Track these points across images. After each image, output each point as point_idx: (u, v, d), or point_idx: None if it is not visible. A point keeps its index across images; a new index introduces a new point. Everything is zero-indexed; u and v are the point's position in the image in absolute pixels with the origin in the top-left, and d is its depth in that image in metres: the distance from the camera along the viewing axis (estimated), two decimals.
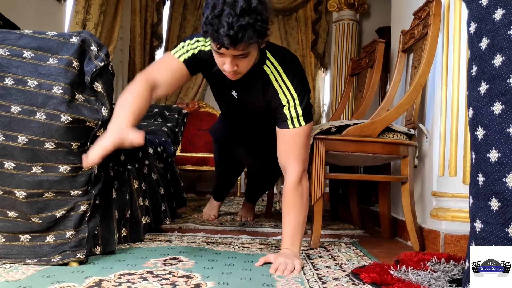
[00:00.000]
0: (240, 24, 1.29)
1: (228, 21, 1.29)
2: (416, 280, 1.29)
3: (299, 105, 1.57)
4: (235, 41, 1.31)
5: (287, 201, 1.58)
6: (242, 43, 1.32)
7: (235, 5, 1.30)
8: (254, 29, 1.31)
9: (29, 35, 1.41)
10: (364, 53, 3.06)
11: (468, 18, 1.05)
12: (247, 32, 1.30)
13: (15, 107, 1.35)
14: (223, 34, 1.29)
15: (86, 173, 1.47)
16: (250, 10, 1.30)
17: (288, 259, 1.44)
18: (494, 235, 0.90)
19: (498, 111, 0.92)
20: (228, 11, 1.29)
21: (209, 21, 1.32)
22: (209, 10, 1.33)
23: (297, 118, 1.57)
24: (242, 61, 1.43)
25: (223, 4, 1.30)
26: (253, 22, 1.31)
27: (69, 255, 1.41)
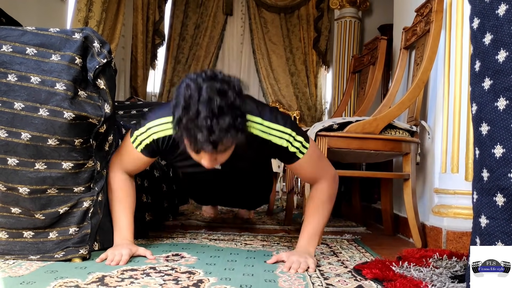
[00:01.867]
0: (220, 127, 1.15)
1: (207, 125, 1.14)
2: (418, 277, 1.29)
3: (297, 135, 1.45)
4: (217, 146, 1.19)
5: (315, 203, 1.53)
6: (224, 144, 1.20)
7: (211, 103, 1.15)
8: (235, 127, 1.18)
9: (32, 32, 1.41)
10: (366, 50, 3.05)
11: (471, 14, 1.05)
12: (228, 134, 1.17)
13: (18, 104, 1.36)
14: (203, 140, 1.16)
15: (89, 170, 1.47)
16: (229, 107, 1.17)
17: (301, 258, 1.41)
18: (500, 230, 0.90)
19: (502, 107, 0.92)
20: (205, 113, 1.14)
21: (184, 125, 1.18)
22: (181, 110, 1.18)
23: (302, 145, 1.46)
24: (222, 155, 1.29)
25: (198, 103, 1.16)
26: (233, 120, 1.17)
27: (72, 251, 1.41)
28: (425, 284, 1.19)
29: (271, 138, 1.43)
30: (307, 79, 5.54)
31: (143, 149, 1.49)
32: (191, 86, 1.19)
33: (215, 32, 5.57)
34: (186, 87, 1.20)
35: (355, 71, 3.23)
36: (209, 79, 1.20)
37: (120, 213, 1.54)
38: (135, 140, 1.49)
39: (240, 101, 1.21)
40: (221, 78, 1.22)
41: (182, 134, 1.21)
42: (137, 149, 1.49)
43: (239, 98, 1.21)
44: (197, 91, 1.18)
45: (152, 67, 5.39)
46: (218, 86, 1.18)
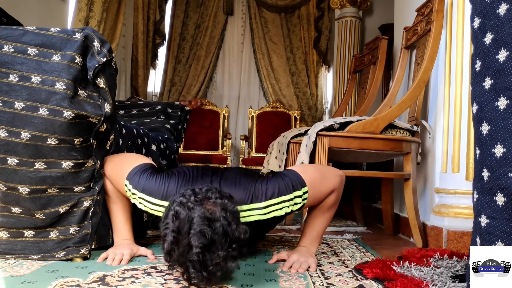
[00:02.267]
0: (214, 262, 1.06)
1: (200, 260, 1.06)
2: (419, 276, 1.29)
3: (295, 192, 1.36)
4: (211, 280, 1.10)
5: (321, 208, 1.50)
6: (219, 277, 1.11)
7: (202, 235, 1.06)
8: (229, 257, 1.09)
9: (33, 32, 1.41)
10: (367, 50, 3.05)
11: (471, 13, 1.05)
12: (224, 267, 1.08)
13: (19, 103, 1.36)
14: (196, 276, 1.08)
15: (89, 169, 1.47)
16: (222, 236, 1.08)
17: (302, 257, 1.41)
18: (500, 230, 0.90)
19: (503, 106, 0.91)
20: (196, 249, 1.05)
21: (174, 259, 1.10)
22: (170, 244, 1.09)
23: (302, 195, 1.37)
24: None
25: (188, 236, 1.07)
26: (227, 252, 1.08)
27: (73, 250, 1.42)
28: (426, 284, 1.19)
29: (273, 214, 1.34)
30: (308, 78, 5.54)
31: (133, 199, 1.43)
32: (180, 215, 1.11)
33: (216, 32, 5.56)
34: (175, 216, 1.11)
35: (355, 70, 3.23)
36: (199, 205, 1.12)
37: (117, 213, 1.55)
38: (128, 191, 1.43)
39: (234, 225, 1.11)
40: (213, 201, 1.13)
41: (174, 265, 1.13)
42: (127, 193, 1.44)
43: (233, 222, 1.11)
44: (188, 222, 1.09)
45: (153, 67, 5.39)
46: (209, 215, 1.09)
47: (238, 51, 5.70)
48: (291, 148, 2.44)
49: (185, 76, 5.48)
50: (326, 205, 1.50)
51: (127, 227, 1.55)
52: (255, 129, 5.04)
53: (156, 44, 5.34)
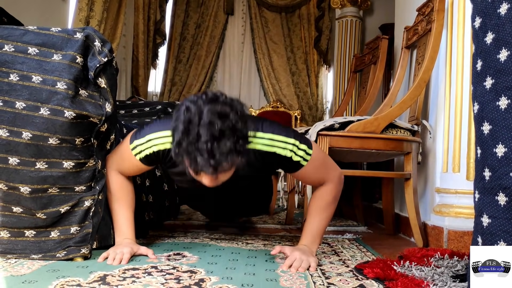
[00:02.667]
0: (221, 151, 1.14)
1: (208, 149, 1.13)
2: (419, 276, 1.29)
3: (300, 144, 1.42)
4: (217, 169, 1.17)
5: (320, 203, 1.52)
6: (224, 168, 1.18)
7: (213, 126, 1.14)
8: (236, 151, 1.16)
9: (33, 31, 1.41)
10: (368, 49, 3.05)
11: (472, 13, 1.05)
12: (229, 157, 1.15)
13: (20, 103, 1.36)
14: (203, 163, 1.15)
15: (90, 169, 1.47)
16: (230, 130, 1.15)
17: (304, 256, 1.41)
18: (502, 230, 0.90)
19: (504, 106, 0.91)
20: (205, 137, 1.13)
21: (183, 149, 1.16)
22: (180, 134, 1.16)
23: (305, 153, 1.43)
24: (223, 174, 1.26)
25: (198, 126, 1.14)
26: (234, 144, 1.16)
27: (73, 250, 1.42)
28: (426, 283, 1.19)
29: (275, 150, 1.40)
30: (308, 78, 5.54)
31: (142, 158, 1.47)
32: (191, 109, 1.17)
33: (216, 32, 5.57)
34: (186, 110, 1.18)
35: (356, 70, 3.23)
36: (210, 102, 1.18)
37: (120, 212, 1.55)
38: (135, 148, 1.46)
39: (241, 124, 1.18)
40: (223, 100, 1.20)
41: (183, 156, 1.18)
42: (136, 157, 1.47)
43: (240, 120, 1.18)
44: (198, 114, 1.16)
45: (153, 67, 5.39)
46: (219, 109, 1.16)
47: (238, 50, 5.71)
48: None
49: (186, 75, 5.48)
50: (325, 198, 1.51)
51: (129, 226, 1.55)
52: None
53: (156, 44, 5.35)
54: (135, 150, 1.46)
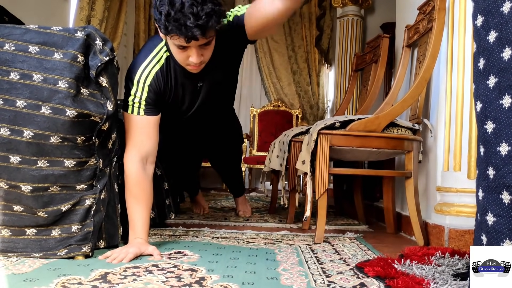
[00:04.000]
0: (206, 12, 1.31)
1: (194, 12, 1.30)
2: (420, 274, 1.29)
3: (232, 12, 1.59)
4: (205, 30, 1.33)
5: None
6: (211, 30, 1.35)
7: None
8: (217, 13, 1.35)
9: (34, 30, 1.41)
10: (369, 48, 3.05)
11: (473, 11, 1.04)
12: (213, 18, 1.33)
13: (21, 102, 1.36)
14: (192, 25, 1.31)
15: (92, 168, 1.48)
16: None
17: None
18: (507, 228, 0.90)
19: (507, 104, 0.91)
20: (189, 2, 1.30)
21: (172, 17, 1.31)
22: (167, 6, 1.32)
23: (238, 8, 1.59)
24: (206, 48, 1.45)
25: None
26: (215, 6, 1.34)
27: (74, 248, 1.42)
28: (427, 282, 1.19)
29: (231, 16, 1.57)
30: (309, 77, 5.54)
31: (145, 108, 1.54)
32: None
33: None
34: None
35: (357, 69, 3.23)
36: None
37: (135, 210, 1.55)
38: (133, 107, 1.54)
39: None
40: None
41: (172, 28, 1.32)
42: (140, 113, 1.54)
43: None
44: None
45: None
46: None
47: None
48: (293, 147, 2.44)
49: None
50: None
51: (142, 225, 1.55)
52: (257, 128, 5.04)
53: None
54: (135, 107, 1.54)
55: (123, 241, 1.63)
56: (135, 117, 1.56)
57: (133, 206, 1.55)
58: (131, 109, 1.56)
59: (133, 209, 1.55)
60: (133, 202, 1.55)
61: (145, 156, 1.59)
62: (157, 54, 1.58)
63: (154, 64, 1.57)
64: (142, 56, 1.60)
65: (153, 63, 1.57)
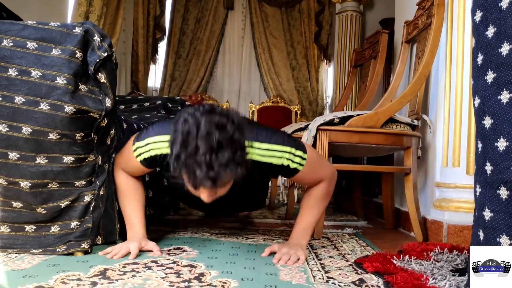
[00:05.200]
0: (220, 163, 1.12)
1: (206, 161, 1.11)
2: (419, 270, 1.29)
3: (296, 150, 1.42)
4: (216, 182, 1.15)
5: (311, 201, 1.55)
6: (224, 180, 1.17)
7: (210, 138, 1.12)
8: (235, 162, 1.15)
9: (32, 26, 1.41)
10: (368, 44, 3.05)
11: (472, 7, 1.04)
12: (228, 169, 1.14)
13: (19, 98, 1.35)
14: (202, 176, 1.13)
15: (90, 164, 1.47)
16: (228, 141, 1.14)
17: (292, 250, 1.44)
18: (504, 224, 0.90)
19: (506, 100, 0.91)
20: (204, 149, 1.12)
21: (182, 162, 1.15)
22: (179, 146, 1.15)
23: (301, 158, 1.43)
24: (221, 189, 1.26)
25: (196, 139, 1.13)
26: (233, 155, 1.14)
27: (74, 245, 1.42)
28: (426, 277, 1.19)
29: (271, 160, 1.40)
30: (308, 73, 5.53)
31: (142, 160, 1.48)
32: (189, 120, 1.16)
33: (216, 27, 5.55)
34: (183, 122, 1.17)
35: (356, 65, 3.23)
36: (207, 113, 1.17)
37: (130, 209, 1.55)
38: (135, 150, 1.48)
39: (239, 134, 1.17)
40: (219, 111, 1.19)
41: (181, 169, 1.17)
42: (137, 159, 1.48)
43: (238, 131, 1.17)
44: (196, 125, 1.15)
45: (153, 62, 5.38)
46: (217, 120, 1.15)
47: (238, 45, 5.69)
48: None
49: (186, 71, 5.47)
50: (317, 196, 1.53)
51: (139, 222, 1.55)
52: None
53: (156, 39, 5.34)
54: (136, 152, 1.47)
55: (121, 238, 1.63)
56: (132, 156, 1.48)
57: (127, 205, 1.55)
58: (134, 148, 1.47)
59: (127, 208, 1.55)
60: (126, 202, 1.56)
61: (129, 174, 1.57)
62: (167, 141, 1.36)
63: (158, 147, 1.42)
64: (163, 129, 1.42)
65: (158, 145, 1.42)
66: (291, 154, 1.41)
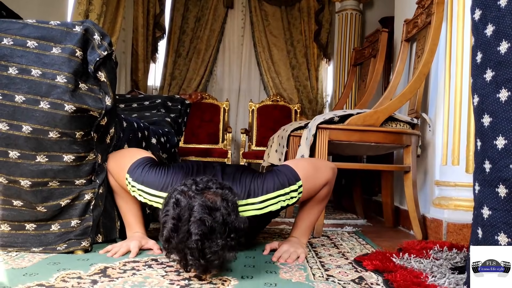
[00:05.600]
0: (212, 250, 1.06)
1: (198, 248, 1.06)
2: (418, 268, 1.29)
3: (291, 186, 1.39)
4: (208, 268, 1.11)
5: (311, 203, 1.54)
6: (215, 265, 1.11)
7: (203, 224, 1.06)
8: (227, 246, 1.09)
9: (32, 25, 1.41)
10: (367, 42, 3.05)
11: (472, 5, 1.04)
12: (220, 255, 1.08)
13: (19, 96, 1.36)
14: (193, 263, 1.08)
15: (90, 163, 1.48)
16: (221, 225, 1.09)
17: (292, 248, 1.44)
18: (503, 221, 0.90)
19: (504, 98, 0.92)
20: (195, 237, 1.05)
21: (173, 246, 1.09)
22: (170, 231, 1.09)
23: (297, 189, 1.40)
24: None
25: (188, 224, 1.07)
26: (226, 239, 1.08)
27: (74, 243, 1.42)
28: (425, 275, 1.19)
29: (270, 208, 1.37)
30: (308, 72, 5.53)
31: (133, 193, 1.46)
32: (181, 203, 1.11)
33: (216, 25, 5.54)
34: (175, 204, 1.11)
35: (356, 63, 3.23)
36: (200, 194, 1.13)
37: (126, 208, 1.56)
38: (128, 184, 1.44)
39: (233, 216, 1.12)
40: (214, 190, 1.15)
41: (171, 252, 1.12)
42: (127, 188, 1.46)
43: (232, 212, 1.12)
44: (188, 210, 1.09)
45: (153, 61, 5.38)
46: (210, 202, 1.10)
47: (238, 44, 5.68)
48: (291, 141, 2.44)
49: (185, 69, 5.46)
50: (318, 197, 1.53)
51: (137, 220, 1.55)
52: (256, 123, 5.04)
53: (156, 38, 5.33)
54: (128, 186, 1.44)
55: (121, 236, 1.63)
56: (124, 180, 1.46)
57: (123, 205, 1.56)
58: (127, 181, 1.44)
59: (124, 208, 1.56)
60: (123, 202, 1.56)
61: None
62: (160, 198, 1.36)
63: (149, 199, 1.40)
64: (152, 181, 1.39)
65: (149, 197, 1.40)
66: (286, 195, 1.38)
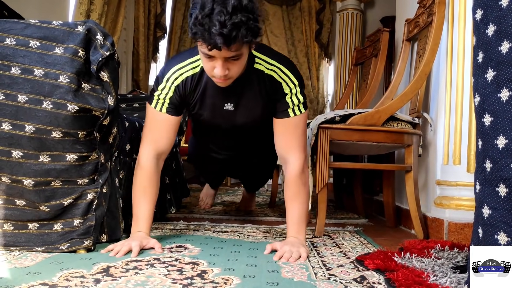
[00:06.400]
0: (233, 22, 1.23)
1: (220, 20, 1.22)
2: (420, 267, 1.30)
3: (300, 93, 1.56)
4: (229, 40, 1.24)
5: (292, 189, 1.57)
6: (236, 42, 1.26)
7: (226, 2, 1.24)
8: (248, 27, 1.26)
9: (35, 25, 1.41)
10: (369, 42, 3.05)
11: (473, 5, 1.05)
12: (240, 30, 1.24)
13: (22, 96, 1.36)
14: (216, 33, 1.23)
15: (93, 162, 1.48)
16: (242, 8, 1.25)
17: (293, 247, 1.45)
18: (503, 221, 0.90)
19: (505, 98, 0.92)
20: (219, 9, 1.23)
21: (199, 21, 1.25)
22: (197, 10, 1.26)
23: (298, 106, 1.56)
24: (234, 63, 1.37)
25: (213, 2, 1.24)
26: (246, 20, 1.25)
27: (77, 242, 1.43)
28: (427, 274, 1.20)
29: (273, 74, 1.53)
30: (309, 71, 5.54)
31: (168, 107, 1.55)
32: None
33: None
34: None
35: (357, 63, 3.23)
36: None
37: (141, 203, 1.56)
38: (157, 102, 1.55)
39: (254, 7, 1.28)
40: None
41: (197, 32, 1.27)
42: (162, 110, 1.55)
43: (253, 4, 1.28)
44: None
45: (154, 60, 5.38)
46: None
47: None
48: None
49: None
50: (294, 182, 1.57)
51: (145, 220, 1.56)
52: None
53: (157, 37, 5.33)
54: (159, 102, 1.55)
55: (125, 235, 1.64)
56: (157, 113, 1.56)
57: (140, 198, 1.56)
58: (155, 103, 1.56)
59: (139, 202, 1.56)
60: (141, 195, 1.56)
61: (160, 153, 1.60)
62: (194, 62, 1.54)
63: (188, 69, 1.54)
64: (180, 58, 1.58)
65: (187, 68, 1.54)
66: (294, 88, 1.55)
